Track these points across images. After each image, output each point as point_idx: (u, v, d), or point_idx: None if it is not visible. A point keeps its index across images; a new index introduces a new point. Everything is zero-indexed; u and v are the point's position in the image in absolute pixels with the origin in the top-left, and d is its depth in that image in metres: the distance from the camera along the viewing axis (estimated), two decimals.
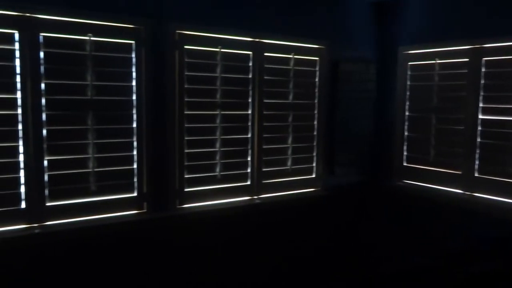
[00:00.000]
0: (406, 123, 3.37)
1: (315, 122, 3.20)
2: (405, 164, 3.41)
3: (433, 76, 3.14)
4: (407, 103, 3.36)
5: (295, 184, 3.13)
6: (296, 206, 3.12)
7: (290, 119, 3.06)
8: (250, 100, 2.87)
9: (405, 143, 3.39)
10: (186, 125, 2.64)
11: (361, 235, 3.51)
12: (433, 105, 3.15)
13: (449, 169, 3.07)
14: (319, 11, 3.12)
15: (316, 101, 3.18)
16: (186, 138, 2.65)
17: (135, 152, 2.49)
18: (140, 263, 2.51)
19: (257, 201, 2.92)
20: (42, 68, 2.18)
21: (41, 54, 2.18)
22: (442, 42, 3.07)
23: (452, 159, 3.03)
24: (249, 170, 2.92)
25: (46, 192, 2.26)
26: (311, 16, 3.08)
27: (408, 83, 3.35)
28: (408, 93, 3.35)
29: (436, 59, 3.10)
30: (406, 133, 3.38)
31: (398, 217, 3.40)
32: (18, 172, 2.18)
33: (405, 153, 3.41)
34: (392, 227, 3.42)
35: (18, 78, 2.14)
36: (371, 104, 3.48)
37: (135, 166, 2.49)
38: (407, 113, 3.37)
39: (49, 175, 2.26)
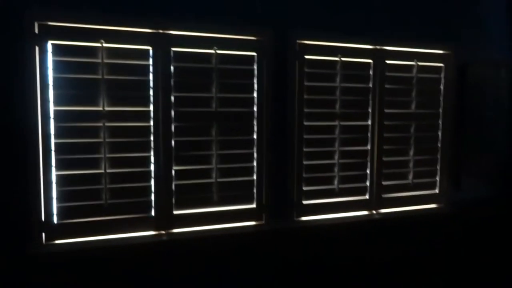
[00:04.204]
0: None
1: (439, 133, 2.94)
2: None
3: None
4: None
5: (417, 199, 2.92)
6: (418, 223, 2.91)
7: (412, 129, 2.86)
8: (370, 110, 2.72)
9: None
10: (305, 136, 2.56)
11: (494, 259, 3.16)
12: None
13: None
14: (443, 12, 2.89)
15: (440, 110, 2.94)
16: (304, 149, 2.57)
17: (255, 163, 2.47)
18: (258, 273, 2.50)
19: (376, 216, 2.76)
20: (172, 82, 2.24)
21: (171, 68, 2.24)
22: None
23: None
24: (368, 184, 2.76)
25: (173, 200, 2.31)
26: (435, 18, 2.87)
27: None
28: None
29: None
30: None
31: None
32: (149, 181, 2.26)
33: None
34: None
35: (151, 92, 2.22)
36: (506, 112, 3.13)
37: (254, 177, 2.47)
38: None
39: (175, 185, 2.31)
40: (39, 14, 2.01)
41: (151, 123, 2.26)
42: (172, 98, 2.28)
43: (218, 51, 2.35)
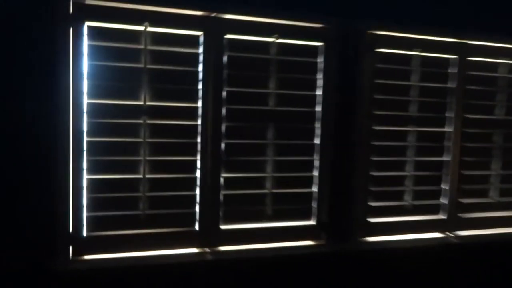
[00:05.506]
0: None
1: None
2: None
3: None
4: None
5: (502, 221, 2.49)
6: (503, 249, 2.46)
7: (497, 139, 2.41)
8: (449, 114, 2.30)
9: None
10: (373, 143, 2.17)
11: None
12: None
13: None
14: None
15: None
16: (372, 158, 2.18)
17: (316, 173, 2.09)
18: None
19: (454, 240, 2.35)
20: (224, 74, 1.90)
21: (224, 58, 1.90)
22: None
23: None
24: (444, 201, 2.35)
25: (221, 213, 1.96)
26: None
27: None
28: None
29: None
30: None
31: None
32: (194, 190, 1.93)
33: None
34: None
35: (200, 85, 1.88)
36: None
37: (315, 189, 2.09)
38: None
39: (224, 195, 1.97)
40: None
41: (199, 121, 1.93)
42: (224, 93, 1.95)
43: (278, 40, 1.98)
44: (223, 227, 2.02)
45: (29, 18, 1.67)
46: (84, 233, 1.83)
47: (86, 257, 1.85)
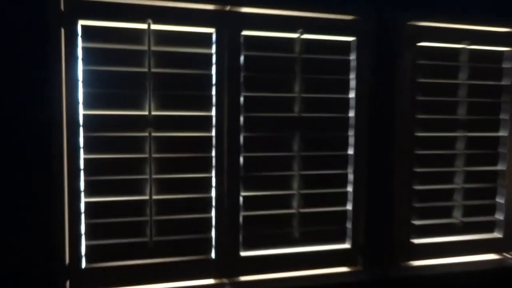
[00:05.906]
0: None
1: None
2: None
3: None
4: None
5: None
6: None
7: None
8: (504, 116, 2.01)
9: None
10: (416, 152, 1.89)
11: None
12: None
13: None
14: None
15: None
16: (415, 169, 1.88)
17: (350, 188, 1.81)
18: None
19: None
20: (241, 77, 1.64)
21: (241, 59, 1.63)
22: None
23: None
24: (500, 217, 2.06)
25: (241, 238, 1.70)
26: None
27: None
28: None
29: None
30: None
31: None
32: (209, 211, 1.68)
33: None
34: None
35: (213, 91, 1.61)
36: None
37: (349, 207, 1.81)
38: None
39: (244, 216, 1.71)
40: None
41: (213, 133, 1.69)
42: (241, 99, 1.69)
43: (303, 36, 1.70)
44: (243, 254, 1.77)
45: (12, 17, 1.43)
46: (83, 265, 1.60)
47: None
